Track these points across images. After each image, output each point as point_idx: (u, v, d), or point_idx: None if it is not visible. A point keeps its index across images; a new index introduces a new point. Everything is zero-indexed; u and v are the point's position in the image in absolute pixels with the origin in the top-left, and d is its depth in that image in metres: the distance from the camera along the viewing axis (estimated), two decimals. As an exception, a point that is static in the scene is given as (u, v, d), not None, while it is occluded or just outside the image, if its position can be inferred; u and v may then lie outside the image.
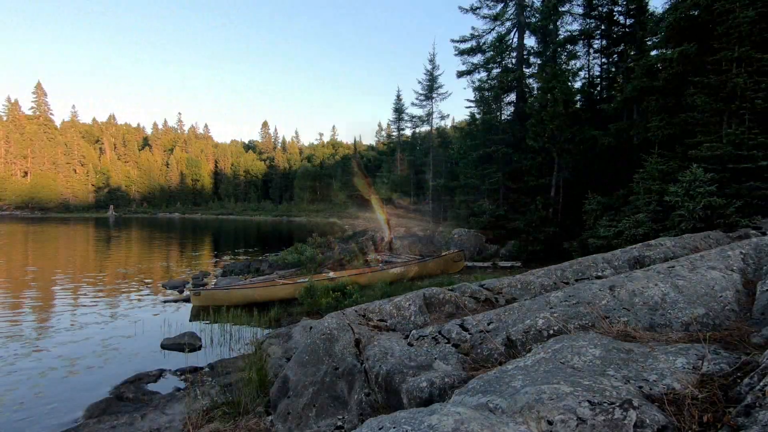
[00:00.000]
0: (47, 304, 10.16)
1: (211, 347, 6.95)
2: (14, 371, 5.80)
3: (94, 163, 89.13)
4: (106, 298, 10.59)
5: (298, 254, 13.91)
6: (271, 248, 22.39)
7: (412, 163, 24.69)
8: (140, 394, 4.94)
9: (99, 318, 8.67)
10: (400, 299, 4.83)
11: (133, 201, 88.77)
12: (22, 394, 5.11)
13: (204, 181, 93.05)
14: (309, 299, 8.54)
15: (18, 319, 8.69)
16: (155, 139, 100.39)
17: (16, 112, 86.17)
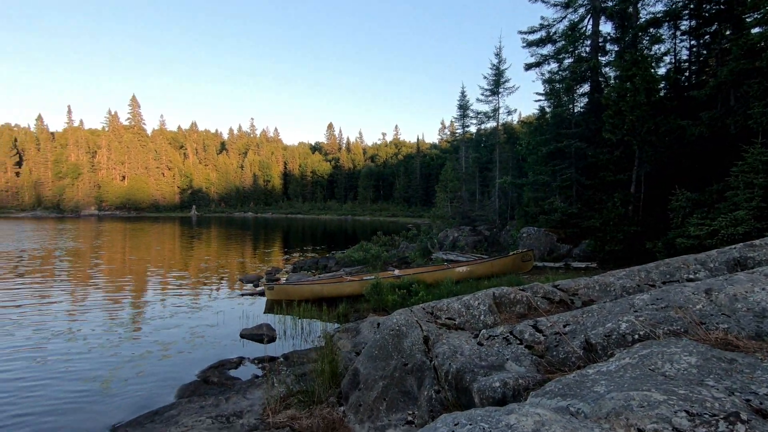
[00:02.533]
0: (142, 293, 11.33)
1: (285, 339, 7.33)
2: (120, 352, 6.55)
3: (179, 167, 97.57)
4: (191, 290, 11.58)
5: (363, 252, 14.20)
6: (336, 246, 23.08)
7: (477, 160, 24.14)
8: (223, 379, 5.34)
9: (186, 308, 9.50)
10: (468, 298, 4.77)
11: (212, 201, 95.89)
12: (126, 372, 5.75)
13: (274, 181, 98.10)
14: (375, 296, 8.69)
15: (119, 306, 9.79)
16: (231, 143, 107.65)
17: (115, 123, 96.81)
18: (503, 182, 17.47)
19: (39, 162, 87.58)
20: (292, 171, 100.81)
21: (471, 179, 24.47)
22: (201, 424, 3.58)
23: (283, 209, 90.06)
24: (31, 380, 5.49)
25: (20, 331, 7.63)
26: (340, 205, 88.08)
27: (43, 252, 20.79)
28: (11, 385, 5.33)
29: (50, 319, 8.50)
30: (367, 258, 13.60)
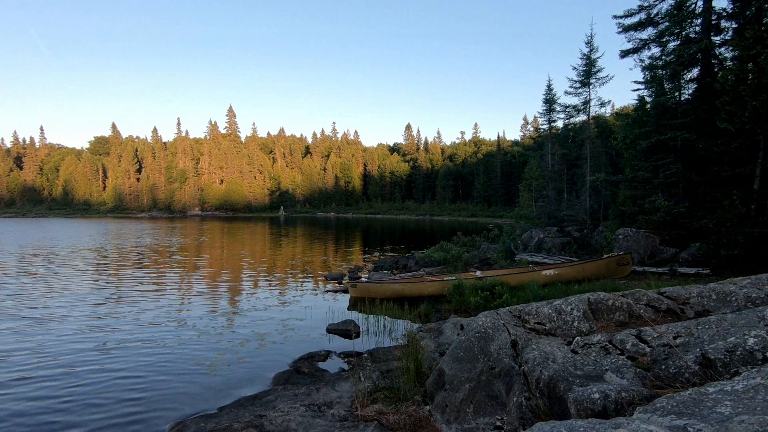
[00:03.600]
0: (238, 286, 12.40)
1: (368, 335, 7.54)
2: (223, 339, 7.24)
3: (269, 170, 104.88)
4: (280, 285, 12.42)
5: (443, 252, 14.10)
6: (415, 246, 23.18)
7: (564, 156, 22.67)
8: (313, 370, 5.65)
9: (277, 301, 10.20)
10: (559, 302, 4.52)
11: (297, 202, 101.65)
12: (229, 358, 6.34)
13: (354, 182, 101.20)
14: (457, 297, 8.59)
15: (219, 297, 10.82)
16: (314, 146, 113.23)
17: (215, 132, 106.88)
18: (595, 180, 16.20)
19: (154, 169, 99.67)
20: (371, 172, 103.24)
21: (558, 177, 23.05)
22: (296, 411, 3.83)
23: (362, 209, 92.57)
24: (154, 360, 6.29)
25: (144, 316, 8.77)
26: (418, 205, 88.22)
27: (158, 247, 23.68)
28: (140, 363, 6.16)
29: (165, 306, 9.66)
30: (447, 258, 13.48)
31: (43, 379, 5.64)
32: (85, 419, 4.58)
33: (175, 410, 4.75)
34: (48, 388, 5.36)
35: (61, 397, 5.10)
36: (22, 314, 8.97)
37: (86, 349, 6.80)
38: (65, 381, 5.58)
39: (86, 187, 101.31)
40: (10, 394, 5.19)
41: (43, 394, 5.17)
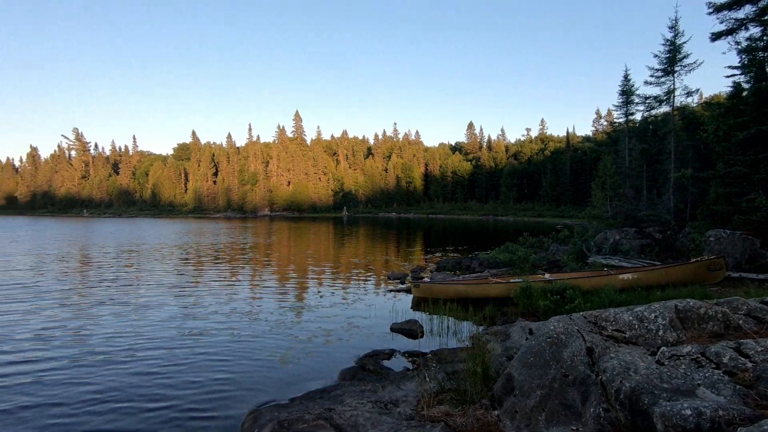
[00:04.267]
0: (304, 282, 12.91)
1: (432, 336, 7.50)
2: (292, 334, 7.58)
3: (332, 172, 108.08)
4: (344, 283, 12.74)
5: (509, 254, 13.64)
6: (479, 247, 22.67)
7: (643, 152, 20.91)
8: (378, 368, 5.73)
9: (342, 299, 10.48)
10: (642, 309, 4.18)
11: (360, 202, 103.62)
12: (298, 352, 6.63)
13: (416, 183, 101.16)
14: (524, 300, 8.27)
15: (288, 293, 11.35)
16: (376, 148, 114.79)
17: (283, 136, 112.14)
18: (681, 176, 14.79)
19: (229, 172, 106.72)
20: (432, 172, 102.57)
21: (636, 174, 21.33)
22: (363, 407, 3.91)
23: (424, 209, 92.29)
24: (233, 349, 6.76)
25: (223, 308, 9.43)
26: (481, 205, 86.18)
27: (233, 245, 25.35)
28: (221, 350, 6.64)
29: (240, 300, 10.33)
30: (513, 260, 13.02)
31: (143, 358, 6.40)
32: (177, 395, 5.13)
33: (251, 396, 5.08)
34: (146, 365, 6.06)
35: (157, 374, 5.74)
36: (122, 301, 10.11)
37: (175, 336, 7.50)
38: (158, 361, 6.27)
39: (171, 189, 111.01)
40: (117, 368, 5.99)
41: (143, 371, 5.85)
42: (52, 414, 4.69)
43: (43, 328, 8.03)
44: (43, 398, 5.06)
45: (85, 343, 7.12)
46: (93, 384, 5.45)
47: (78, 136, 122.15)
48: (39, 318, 8.77)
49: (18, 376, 5.70)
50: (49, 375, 5.75)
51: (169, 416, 4.65)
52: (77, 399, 5.05)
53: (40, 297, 10.75)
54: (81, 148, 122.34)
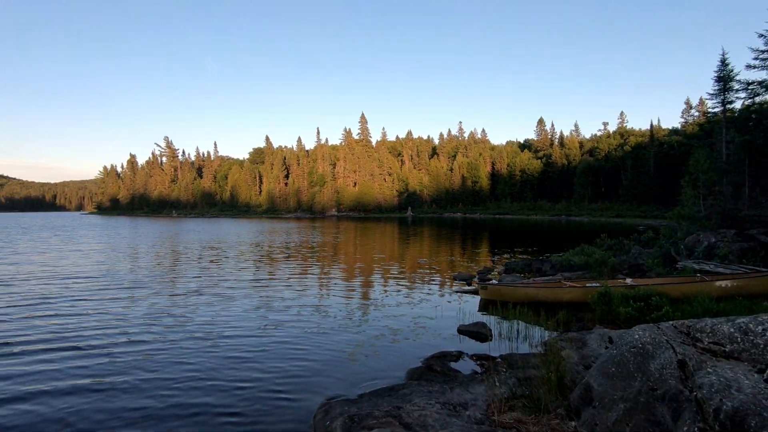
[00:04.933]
0: (370, 281, 13.15)
1: (500, 339, 7.28)
2: (360, 331, 7.76)
3: (397, 172, 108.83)
4: (410, 283, 12.77)
5: (585, 256, 12.83)
6: (549, 248, 21.59)
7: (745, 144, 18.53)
8: (446, 369, 5.68)
9: (408, 299, 10.52)
10: (746, 321, 3.73)
11: (424, 203, 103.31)
12: (366, 349, 6.77)
13: (482, 182, 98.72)
14: (603, 306, 7.74)
15: (355, 291, 11.62)
16: (441, 147, 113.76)
17: (349, 138, 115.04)
18: (792, 171, 12.93)
19: (299, 174, 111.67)
20: (499, 171, 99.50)
21: (735, 169, 18.98)
22: (431, 407, 3.90)
23: (490, 209, 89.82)
24: (304, 343, 7.07)
25: (294, 304, 9.91)
26: (552, 204, 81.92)
27: (302, 244, 26.50)
28: (292, 343, 6.99)
29: (310, 296, 10.79)
30: (589, 263, 12.22)
31: (231, 344, 7.07)
32: (259, 378, 5.61)
33: (321, 389, 5.29)
34: (233, 350, 6.74)
35: (242, 359, 6.32)
36: (213, 292, 11.14)
37: (256, 326, 8.10)
38: (243, 347, 6.89)
39: (247, 191, 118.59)
40: (211, 351, 6.72)
41: (231, 355, 6.46)
42: (162, 386, 5.45)
43: (147, 314, 9.27)
44: (155, 373, 5.88)
45: (184, 328, 8.09)
46: (191, 363, 6.24)
47: (168, 144, 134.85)
48: (144, 304, 10.21)
49: (132, 354, 6.69)
50: (157, 354, 6.67)
51: (253, 395, 5.16)
52: (180, 375, 5.80)
53: (145, 286, 12.49)
54: (171, 155, 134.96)
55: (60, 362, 6.25)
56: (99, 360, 6.37)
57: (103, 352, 6.74)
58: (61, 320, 8.62)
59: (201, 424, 4.47)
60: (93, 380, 5.60)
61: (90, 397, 5.09)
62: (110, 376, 5.75)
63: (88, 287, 12.30)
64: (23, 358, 6.46)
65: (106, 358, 6.47)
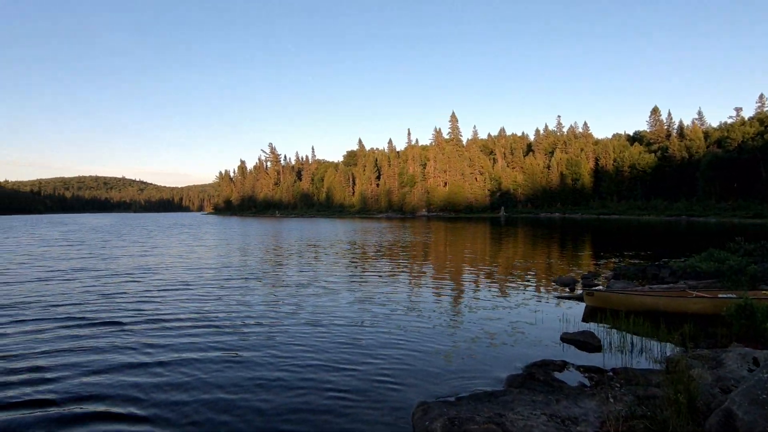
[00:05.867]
0: (462, 282, 12.88)
1: (611, 352, 6.62)
2: (455, 333, 7.63)
3: (489, 171, 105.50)
4: (504, 285, 12.24)
5: (715, 262, 11.12)
6: (667, 253, 19.16)
7: None
8: (549, 379, 5.31)
9: (504, 302, 10.09)
10: None
11: (519, 202, 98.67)
12: (462, 352, 6.63)
13: (584, 180, 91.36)
14: (742, 321, 6.62)
15: (447, 291, 11.49)
16: (537, 144, 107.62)
17: (439, 138, 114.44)
18: None
19: (390, 175, 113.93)
20: (604, 167, 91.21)
21: None
22: (537, 418, 3.66)
23: (593, 209, 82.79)
24: (400, 341, 7.14)
25: (388, 302, 10.09)
26: (669, 203, 72.79)
27: (394, 243, 26.96)
28: (389, 341, 7.10)
29: (403, 295, 10.91)
30: (721, 270, 10.56)
31: (338, 332, 7.65)
32: (360, 369, 5.88)
33: (417, 387, 5.27)
34: (339, 338, 7.32)
35: (345, 348, 6.78)
36: (319, 285, 12.21)
37: (356, 320, 8.47)
38: (346, 338, 7.37)
39: (341, 192, 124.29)
40: (322, 336, 7.43)
41: (339, 341, 7.16)
42: (281, 362, 6.26)
43: (265, 300, 10.54)
44: (276, 350, 6.78)
45: (297, 315, 9.00)
46: (304, 345, 7.00)
47: (272, 150, 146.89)
48: (263, 292, 11.68)
49: (257, 334, 7.69)
50: (277, 335, 7.58)
51: (356, 381, 5.50)
52: (295, 354, 6.59)
53: (261, 277, 14.13)
54: (274, 160, 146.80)
55: (202, 336, 7.47)
56: (231, 337, 7.47)
57: (234, 330, 7.86)
58: (198, 303, 10.18)
59: (313, 397, 5.02)
60: (227, 353, 6.60)
61: (224, 366, 6.05)
62: (242, 350, 6.74)
63: (214, 276, 14.32)
64: (174, 331, 7.77)
65: (236, 336, 7.54)
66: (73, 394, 5.09)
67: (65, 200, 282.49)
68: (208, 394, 5.10)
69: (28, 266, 17.00)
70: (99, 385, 5.37)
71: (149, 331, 7.84)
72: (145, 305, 9.94)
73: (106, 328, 8.02)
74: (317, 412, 4.66)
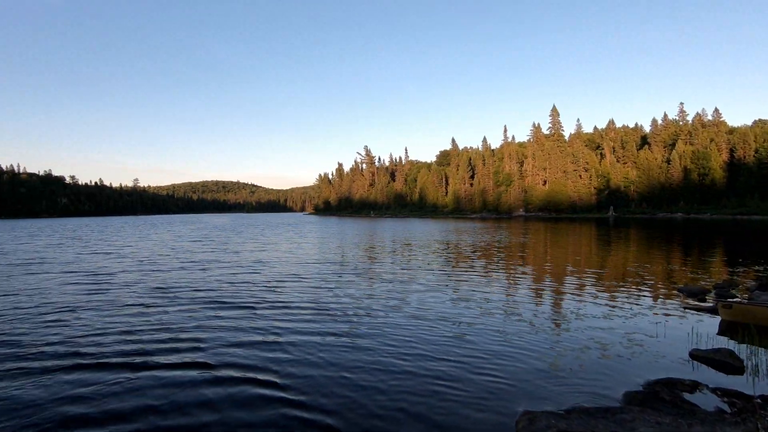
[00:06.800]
0: (564, 287, 11.98)
1: (757, 375, 5.72)
2: (561, 341, 7.19)
3: (596, 167, 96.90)
4: (616, 293, 11.15)
5: None
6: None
7: None
8: (677, 400, 4.81)
9: (618, 311, 9.24)
10: None
11: (631, 201, 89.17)
12: (569, 361, 6.23)
13: (714, 174, 79.41)
14: None
15: (549, 296, 10.83)
16: (654, 135, 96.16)
17: (538, 134, 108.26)
18: None
19: (484, 174, 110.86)
20: (742, 159, 78.34)
21: None
22: (666, 441, 3.37)
23: (727, 208, 71.64)
24: (501, 348, 6.92)
25: (486, 305, 9.85)
26: (835, 201, 59.91)
27: (490, 244, 26.22)
28: (489, 346, 6.95)
29: (501, 298, 10.53)
30: None
31: (441, 331, 7.75)
32: (459, 362, 5.99)
33: (521, 395, 5.08)
34: (441, 337, 7.41)
35: (446, 341, 6.91)
36: (421, 282, 12.78)
37: (450, 321, 8.40)
38: (446, 334, 7.59)
39: (434, 192, 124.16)
40: (420, 330, 7.46)
41: (436, 338, 7.22)
42: (389, 349, 6.87)
43: (371, 294, 11.26)
44: (384, 338, 7.37)
45: (402, 309, 9.50)
46: (410, 337, 7.42)
47: (367, 152, 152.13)
48: (371, 286, 12.59)
49: (368, 324, 8.35)
50: (384, 326, 8.20)
51: (458, 379, 5.59)
52: (402, 343, 7.10)
53: (365, 273, 15.07)
54: (369, 162, 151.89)
55: (319, 323, 8.39)
56: (345, 325, 8.22)
57: (347, 319, 8.64)
58: (312, 294, 11.26)
59: (422, 384, 5.40)
60: (343, 338, 7.37)
61: (342, 349, 6.81)
62: (355, 337, 7.44)
63: (322, 270, 15.69)
64: (296, 317, 8.85)
65: (349, 324, 8.29)
66: (223, 361, 6.25)
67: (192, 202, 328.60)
68: (330, 372, 5.82)
69: (172, 257, 20.33)
70: (242, 355, 6.49)
71: (275, 315, 8.99)
72: (267, 294, 11.35)
73: (241, 311, 9.38)
74: (426, 398, 5.01)
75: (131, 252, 23.89)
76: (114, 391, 5.26)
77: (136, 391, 5.30)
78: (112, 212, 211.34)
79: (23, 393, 5.22)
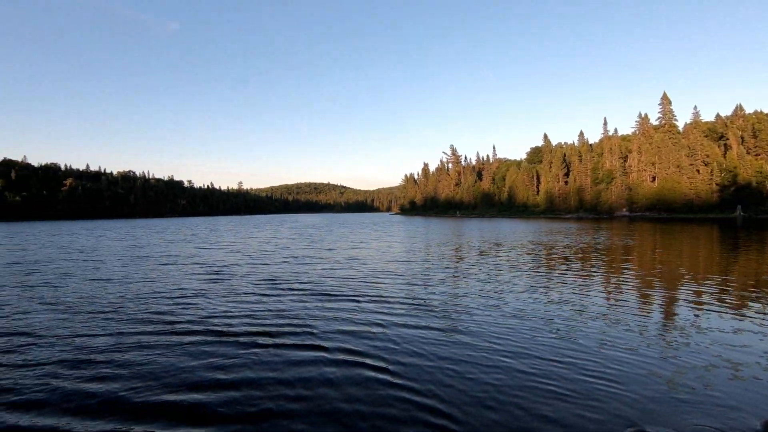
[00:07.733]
0: (677, 296, 10.76)
1: None
2: (679, 356, 6.51)
3: (718, 161, 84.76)
4: (749, 305, 9.83)
5: None
6: None
7: None
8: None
9: (753, 326, 8.15)
10: None
11: (765, 199, 76.60)
12: (690, 379, 5.58)
13: None
14: None
15: (660, 305, 9.83)
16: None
17: (645, 126, 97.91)
18: None
19: (581, 171, 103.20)
20: None
21: None
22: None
23: None
24: (607, 358, 6.47)
25: (585, 310, 9.26)
26: None
27: (588, 246, 24.49)
28: (592, 357, 6.55)
29: (602, 303, 9.80)
30: None
31: (537, 335, 7.50)
32: (560, 376, 5.67)
33: (634, 413, 4.76)
34: (538, 339, 7.28)
35: (541, 349, 6.68)
36: (522, 282, 12.61)
37: (551, 323, 8.16)
38: (542, 341, 7.26)
39: (524, 191, 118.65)
40: (519, 332, 7.37)
41: (535, 340, 7.04)
42: (484, 346, 6.98)
43: (467, 293, 11.36)
44: (489, 337, 7.44)
45: (500, 308, 9.54)
46: (513, 337, 7.45)
47: (453, 152, 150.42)
48: (461, 284, 12.74)
49: (466, 321, 8.58)
50: (482, 324, 8.32)
51: (564, 384, 5.51)
52: (497, 343, 7.13)
53: (458, 271, 15.30)
54: (455, 161, 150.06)
55: (419, 318, 8.79)
56: (444, 321, 8.57)
57: (446, 315, 8.96)
58: (408, 290, 11.78)
59: (525, 382, 5.52)
60: (443, 333, 7.67)
61: (442, 343, 7.09)
62: (455, 333, 7.73)
63: (414, 267, 16.25)
64: (396, 310, 9.37)
65: (449, 320, 8.59)
66: (336, 346, 6.95)
67: (288, 203, 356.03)
68: (433, 363, 6.16)
69: (276, 254, 22.32)
70: (352, 342, 7.20)
71: (377, 308, 9.65)
72: (366, 288, 12.08)
73: (346, 303, 10.17)
74: (534, 395, 5.13)
75: (241, 247, 26.86)
76: (245, 363, 6.28)
77: (264, 364, 6.22)
78: (222, 212, 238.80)
79: (172, 360, 6.46)
